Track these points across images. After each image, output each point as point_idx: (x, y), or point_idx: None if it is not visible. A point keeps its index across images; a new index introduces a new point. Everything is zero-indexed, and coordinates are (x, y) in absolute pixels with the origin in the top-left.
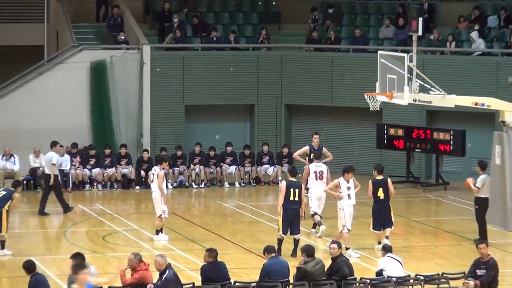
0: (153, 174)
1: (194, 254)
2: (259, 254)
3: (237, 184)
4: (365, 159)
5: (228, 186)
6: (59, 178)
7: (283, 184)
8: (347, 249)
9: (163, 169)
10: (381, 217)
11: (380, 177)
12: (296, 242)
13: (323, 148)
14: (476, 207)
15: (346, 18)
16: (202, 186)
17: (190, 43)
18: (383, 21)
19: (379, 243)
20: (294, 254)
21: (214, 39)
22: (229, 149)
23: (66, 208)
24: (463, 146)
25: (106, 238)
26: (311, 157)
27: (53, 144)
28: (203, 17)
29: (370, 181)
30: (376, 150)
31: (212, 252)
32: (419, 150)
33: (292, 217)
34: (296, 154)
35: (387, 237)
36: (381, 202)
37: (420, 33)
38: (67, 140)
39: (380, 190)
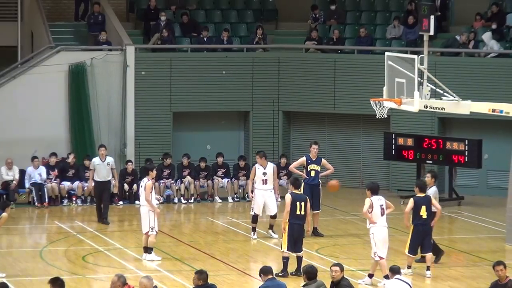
0: (141, 186)
1: (183, 275)
2: (254, 276)
3: (230, 199)
4: (371, 171)
5: (220, 201)
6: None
7: (288, 198)
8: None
9: (152, 178)
10: (425, 240)
11: (422, 195)
12: (299, 259)
13: (323, 159)
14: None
15: (350, 16)
16: (192, 201)
17: (179, 44)
18: (391, 19)
19: (409, 267)
20: (299, 272)
21: (205, 39)
22: (220, 160)
23: (100, 218)
24: (479, 157)
25: (86, 258)
26: (308, 169)
27: (98, 147)
28: (193, 15)
29: (412, 198)
30: (383, 162)
31: (201, 274)
32: (430, 162)
33: (297, 233)
34: (292, 167)
35: (428, 268)
36: (423, 222)
37: (431, 32)
38: (43, 150)
39: (423, 208)
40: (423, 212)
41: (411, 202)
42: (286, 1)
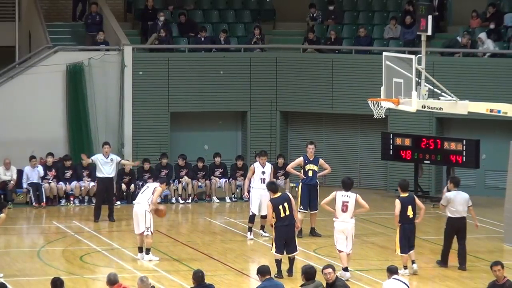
0: (148, 187)
1: (180, 275)
2: (252, 276)
3: (227, 199)
4: (368, 171)
5: (217, 201)
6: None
7: (268, 206)
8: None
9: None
10: (410, 239)
11: (405, 194)
12: (291, 260)
13: (320, 159)
14: (445, 227)
15: (348, 16)
16: (189, 201)
17: (176, 44)
18: (389, 19)
19: (405, 267)
20: (290, 273)
21: (203, 39)
22: (217, 160)
23: (97, 218)
24: (476, 157)
25: (84, 258)
26: (306, 169)
27: (103, 145)
28: (191, 15)
29: (397, 200)
30: (381, 162)
31: (195, 274)
32: (428, 162)
33: (286, 235)
34: (289, 167)
35: (413, 261)
36: (410, 221)
37: (429, 32)
38: (41, 151)
39: (410, 208)
40: (410, 212)
41: (397, 203)
42: (283, 1)
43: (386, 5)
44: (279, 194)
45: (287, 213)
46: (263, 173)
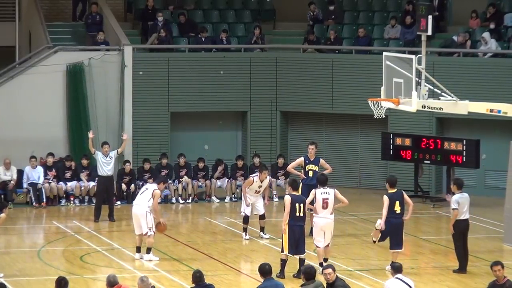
0: (147, 188)
1: (180, 275)
2: (252, 276)
3: (227, 199)
4: (369, 171)
5: (217, 201)
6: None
7: (287, 199)
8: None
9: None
10: (398, 235)
11: (393, 190)
12: (302, 262)
13: (321, 159)
14: (453, 231)
15: (348, 16)
16: (189, 201)
17: (176, 44)
18: (389, 19)
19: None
20: (299, 275)
21: (203, 39)
22: (220, 168)
23: (97, 218)
24: (477, 157)
25: (84, 258)
26: (306, 170)
27: (102, 145)
28: (191, 15)
29: (385, 196)
30: (381, 162)
31: (193, 276)
32: (428, 162)
33: (298, 235)
34: (290, 167)
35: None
36: (397, 216)
37: (429, 32)
38: (41, 151)
39: (397, 203)
40: (397, 207)
41: (386, 199)
42: (283, 1)
43: (386, 5)
44: (298, 193)
45: (302, 214)
46: (260, 187)
